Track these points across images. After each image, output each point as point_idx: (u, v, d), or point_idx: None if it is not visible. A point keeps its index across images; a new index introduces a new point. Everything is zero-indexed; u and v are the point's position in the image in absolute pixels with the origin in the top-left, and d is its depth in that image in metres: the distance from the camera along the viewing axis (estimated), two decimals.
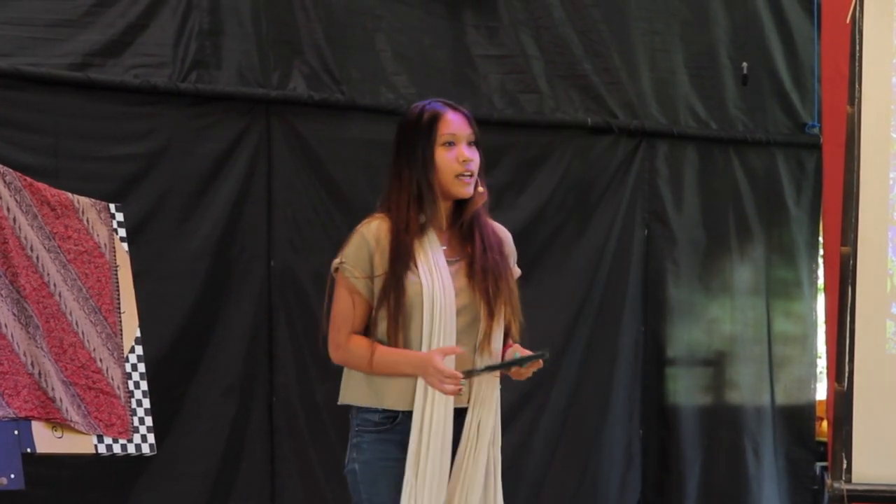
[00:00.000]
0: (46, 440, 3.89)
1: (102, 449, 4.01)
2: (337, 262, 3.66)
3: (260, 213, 5.27)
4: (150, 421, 4.10)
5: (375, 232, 3.64)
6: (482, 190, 3.69)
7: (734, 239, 6.39)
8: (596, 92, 6.02)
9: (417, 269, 3.61)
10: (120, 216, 4.18)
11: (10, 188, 3.94)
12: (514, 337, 3.74)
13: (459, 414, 3.63)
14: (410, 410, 3.60)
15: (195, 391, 5.10)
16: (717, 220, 6.35)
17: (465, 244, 3.71)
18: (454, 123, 3.67)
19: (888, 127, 4.77)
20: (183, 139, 5.09)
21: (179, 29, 5.08)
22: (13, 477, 3.79)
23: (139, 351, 4.12)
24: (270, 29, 5.29)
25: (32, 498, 4.25)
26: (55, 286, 3.99)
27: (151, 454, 4.15)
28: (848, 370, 4.68)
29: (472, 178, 3.66)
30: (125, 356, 4.09)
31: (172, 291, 5.02)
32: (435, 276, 3.61)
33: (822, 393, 6.53)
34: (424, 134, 3.66)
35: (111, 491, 4.93)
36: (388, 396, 3.62)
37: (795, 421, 6.54)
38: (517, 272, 3.80)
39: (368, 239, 3.64)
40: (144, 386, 4.11)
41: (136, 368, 4.11)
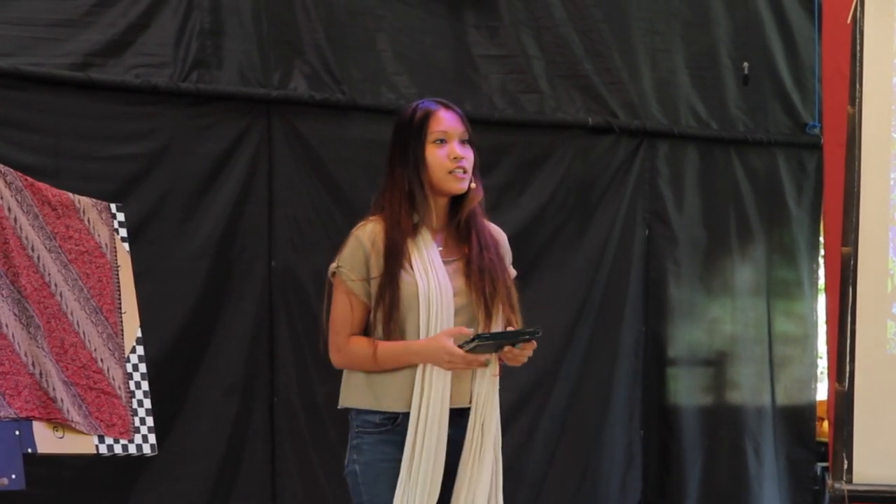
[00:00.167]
0: (47, 440, 3.88)
1: (103, 449, 4.01)
2: (333, 266, 3.67)
3: (261, 213, 5.27)
4: (150, 421, 4.10)
5: (370, 234, 3.64)
6: (475, 186, 3.69)
7: (735, 239, 6.39)
8: (597, 92, 6.02)
9: (412, 268, 3.61)
10: (121, 216, 4.17)
11: (11, 188, 3.94)
12: None
13: (460, 414, 3.64)
14: (409, 412, 3.60)
15: (196, 391, 5.10)
16: (717, 220, 6.34)
17: (461, 244, 3.71)
18: (445, 121, 3.67)
19: (889, 127, 4.77)
20: (184, 139, 5.09)
21: (180, 29, 5.08)
22: (14, 477, 3.79)
23: (140, 351, 4.12)
24: (271, 29, 5.29)
25: (33, 498, 4.24)
26: (56, 286, 3.99)
27: (152, 454, 4.14)
28: (849, 370, 4.67)
29: (465, 174, 3.65)
30: (126, 356, 4.09)
31: (173, 291, 5.02)
32: (430, 274, 3.61)
33: (822, 393, 6.53)
34: (416, 132, 3.66)
35: (112, 491, 4.93)
36: (387, 398, 3.62)
37: (796, 421, 6.54)
38: (513, 273, 3.80)
39: (364, 241, 3.64)
40: (145, 386, 4.11)
41: (137, 369, 4.10)
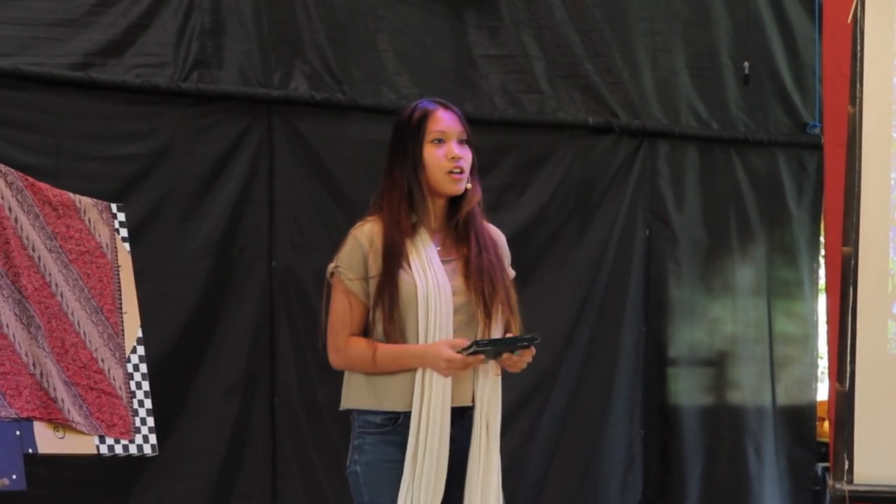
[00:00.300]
0: (48, 441, 3.88)
1: (104, 449, 4.01)
2: (332, 266, 3.67)
3: (261, 213, 5.26)
4: (151, 421, 4.10)
5: (369, 234, 3.64)
6: (471, 187, 3.69)
7: (735, 239, 6.39)
8: (597, 92, 6.02)
9: (411, 268, 3.61)
10: (122, 216, 4.17)
11: (11, 188, 3.94)
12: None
13: (460, 413, 3.64)
14: (410, 411, 3.60)
15: (196, 391, 5.10)
16: (718, 220, 6.34)
17: (460, 244, 3.71)
18: (444, 121, 3.67)
19: (889, 127, 4.77)
20: (184, 139, 5.09)
21: (181, 29, 5.08)
22: (15, 477, 3.79)
23: (141, 351, 4.12)
24: (272, 29, 5.29)
25: (34, 498, 4.24)
26: (57, 286, 3.99)
27: (153, 455, 4.14)
28: (849, 370, 4.67)
29: (462, 174, 3.65)
30: (127, 356, 4.09)
31: (174, 291, 5.01)
32: (429, 274, 3.61)
33: (823, 393, 6.52)
34: (414, 132, 3.66)
35: (113, 491, 4.93)
36: (389, 398, 3.62)
37: (797, 421, 6.53)
38: (511, 273, 3.80)
39: (362, 241, 3.64)
40: (146, 386, 4.11)
41: (137, 369, 4.10)
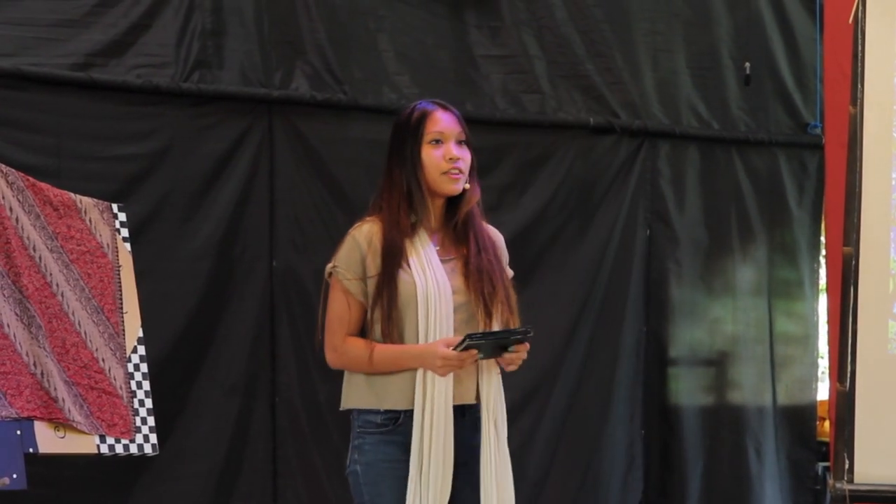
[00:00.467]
0: (49, 440, 3.88)
1: (105, 449, 4.01)
2: (330, 266, 3.67)
3: (262, 212, 5.27)
4: (152, 421, 4.10)
5: (367, 234, 3.65)
6: (469, 186, 3.69)
7: (736, 239, 6.38)
8: (598, 92, 6.02)
9: (410, 268, 3.61)
10: (122, 216, 4.17)
11: (12, 188, 3.94)
12: None
13: (461, 412, 3.64)
14: (412, 410, 3.60)
15: (197, 391, 5.10)
16: (719, 220, 6.34)
17: (459, 245, 3.71)
18: (442, 122, 3.68)
19: (890, 127, 4.76)
20: (185, 139, 5.09)
21: (182, 29, 5.08)
22: (15, 477, 3.79)
23: (141, 351, 4.12)
24: (273, 29, 5.29)
25: (35, 498, 4.25)
26: (58, 286, 3.99)
27: (153, 454, 4.14)
28: (850, 370, 4.67)
29: (460, 174, 3.66)
30: (127, 356, 4.09)
31: (175, 291, 5.02)
32: (428, 274, 3.61)
33: (823, 393, 6.52)
34: (413, 132, 3.66)
35: (113, 491, 4.93)
36: (389, 397, 3.62)
37: (797, 421, 6.53)
38: (510, 273, 3.80)
39: (360, 241, 3.64)
40: (147, 386, 4.11)
41: (138, 368, 4.10)
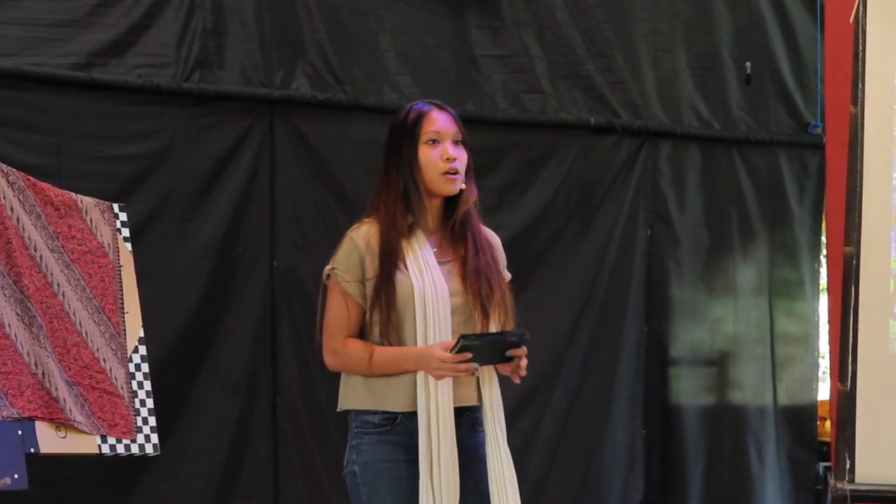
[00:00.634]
0: (50, 440, 3.88)
1: (106, 449, 4.01)
2: (328, 268, 3.66)
3: (263, 212, 5.27)
4: (153, 421, 4.10)
5: (365, 236, 3.64)
6: (466, 187, 3.69)
7: (737, 239, 6.38)
8: (599, 92, 6.02)
9: (407, 269, 3.61)
10: (123, 216, 4.18)
11: (13, 188, 3.94)
12: None
13: (459, 414, 3.63)
14: (410, 411, 3.60)
15: (198, 391, 5.10)
16: (719, 220, 6.34)
17: (456, 246, 3.71)
18: (438, 122, 3.67)
19: (891, 127, 4.76)
20: (186, 139, 5.09)
21: (183, 29, 5.09)
22: (17, 477, 3.79)
23: (143, 351, 4.12)
24: (274, 29, 5.29)
25: (36, 498, 4.24)
26: (59, 286, 3.99)
27: (155, 454, 4.15)
28: (851, 370, 4.67)
29: (457, 175, 3.65)
30: (129, 356, 4.09)
31: (175, 291, 5.02)
32: (426, 275, 3.61)
33: (824, 393, 6.52)
34: (409, 133, 3.66)
35: (114, 491, 4.93)
36: (387, 398, 3.62)
37: (798, 421, 6.53)
38: (507, 276, 3.80)
39: (358, 243, 3.63)
40: (148, 386, 4.11)
41: (139, 368, 4.11)
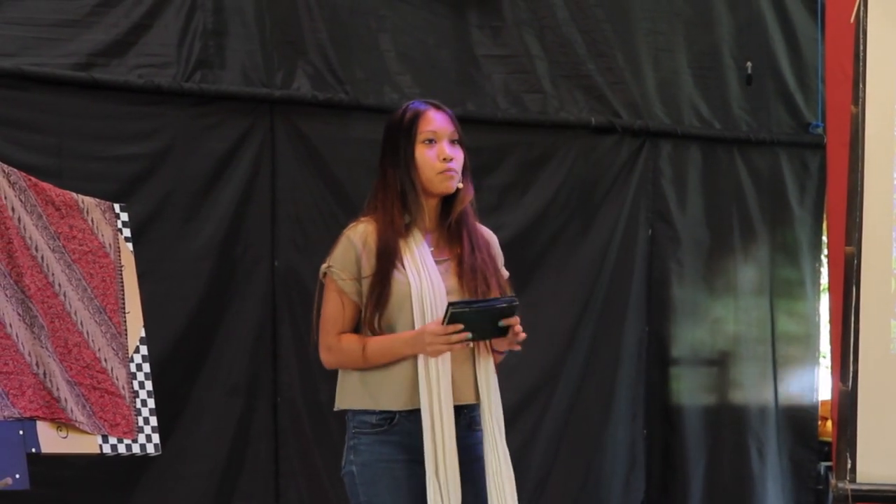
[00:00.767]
0: (51, 440, 3.88)
1: (107, 449, 4.01)
2: (325, 266, 3.66)
3: (264, 212, 5.27)
4: (154, 421, 4.10)
5: (362, 234, 3.64)
6: (463, 186, 3.69)
7: (738, 239, 6.38)
8: (600, 92, 6.02)
9: (404, 268, 3.61)
10: (124, 216, 4.17)
11: (14, 188, 3.94)
12: None
13: (457, 412, 3.62)
14: (407, 410, 3.60)
15: (199, 391, 5.11)
16: (720, 219, 6.34)
17: (453, 244, 3.71)
18: (435, 121, 3.68)
19: (892, 127, 4.75)
20: (187, 139, 5.09)
21: (183, 29, 5.09)
22: (18, 477, 3.79)
23: (144, 351, 4.12)
24: (274, 29, 5.29)
25: (37, 498, 4.25)
26: (60, 286, 3.99)
27: (156, 454, 4.14)
28: (852, 370, 4.66)
29: (454, 174, 3.66)
30: (130, 356, 4.09)
31: (176, 291, 5.02)
32: (423, 274, 3.61)
33: (825, 393, 6.52)
34: (406, 132, 3.67)
35: (115, 491, 4.93)
36: (384, 397, 3.62)
37: (798, 421, 6.53)
38: (505, 274, 3.80)
39: (355, 241, 3.64)
40: (149, 386, 4.11)
41: (140, 368, 4.10)
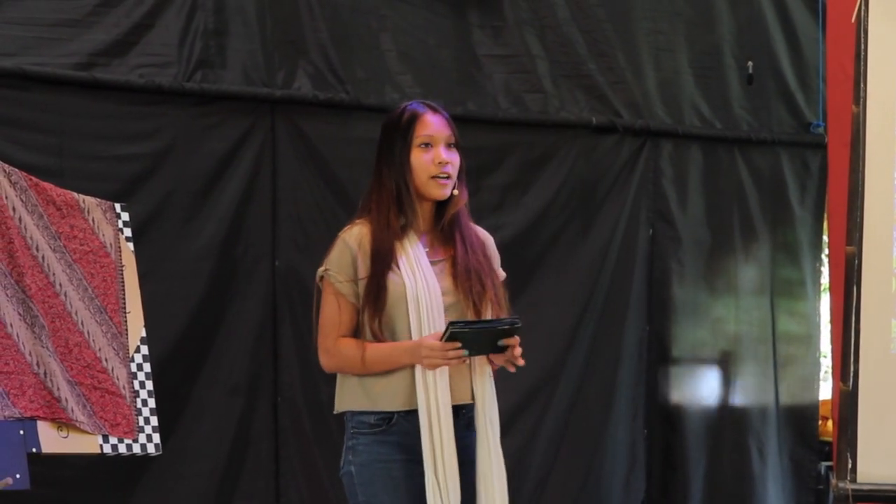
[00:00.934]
0: (52, 440, 3.88)
1: (108, 449, 4.01)
2: (321, 269, 3.67)
3: (264, 212, 5.27)
4: (155, 421, 4.10)
5: (357, 236, 3.65)
6: (457, 192, 3.69)
7: (739, 238, 6.38)
8: (600, 91, 6.02)
9: (399, 269, 3.61)
10: (125, 216, 4.18)
11: (15, 188, 3.94)
12: None
13: (455, 412, 3.63)
14: (405, 410, 3.60)
15: (200, 391, 5.11)
16: (721, 219, 6.34)
17: (448, 245, 3.71)
18: (432, 125, 3.67)
19: (893, 126, 4.75)
20: (188, 139, 5.09)
21: (184, 29, 5.09)
22: (18, 477, 3.79)
23: (144, 350, 4.12)
24: (275, 29, 5.29)
25: (38, 497, 4.24)
26: (61, 286, 3.99)
27: (156, 454, 4.15)
28: (853, 370, 4.66)
29: (448, 179, 3.66)
30: (130, 356, 4.09)
31: (177, 291, 5.02)
32: (418, 275, 3.61)
33: (826, 392, 6.52)
34: (402, 135, 3.67)
35: (116, 491, 4.93)
36: (382, 398, 3.62)
37: (799, 421, 6.53)
38: (501, 274, 3.80)
39: (350, 244, 3.64)
40: (150, 385, 4.11)
41: (141, 368, 4.11)
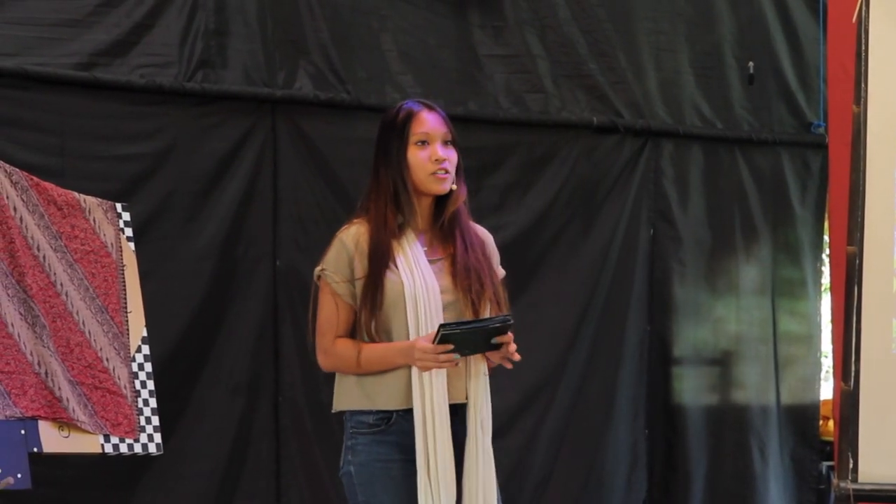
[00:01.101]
0: (53, 440, 3.89)
1: (109, 448, 4.02)
2: (318, 269, 3.67)
3: (265, 212, 5.27)
4: (156, 420, 4.10)
5: (355, 236, 3.65)
6: (455, 188, 3.69)
7: (739, 238, 6.38)
8: (601, 91, 6.02)
9: (397, 268, 3.62)
10: (126, 216, 4.18)
11: (16, 188, 3.95)
12: None
13: (454, 411, 3.63)
14: (404, 410, 3.61)
15: (200, 391, 5.11)
16: (722, 219, 6.34)
17: (446, 244, 3.72)
18: (428, 123, 3.68)
19: (894, 126, 4.75)
20: (189, 139, 5.09)
21: (185, 29, 5.09)
22: (20, 476, 3.79)
23: (145, 350, 4.13)
24: (276, 29, 5.29)
25: (39, 497, 4.25)
26: (62, 286, 3.99)
27: (157, 453, 4.15)
28: (854, 370, 4.66)
29: (447, 174, 3.66)
30: (131, 356, 4.10)
31: (178, 291, 5.02)
32: (416, 274, 3.62)
33: (827, 392, 6.52)
34: (398, 133, 3.67)
35: (117, 490, 4.94)
36: (380, 397, 3.62)
37: (801, 420, 6.53)
38: (501, 273, 3.81)
39: (347, 244, 3.64)
40: (151, 385, 4.11)
41: (142, 368, 4.11)
